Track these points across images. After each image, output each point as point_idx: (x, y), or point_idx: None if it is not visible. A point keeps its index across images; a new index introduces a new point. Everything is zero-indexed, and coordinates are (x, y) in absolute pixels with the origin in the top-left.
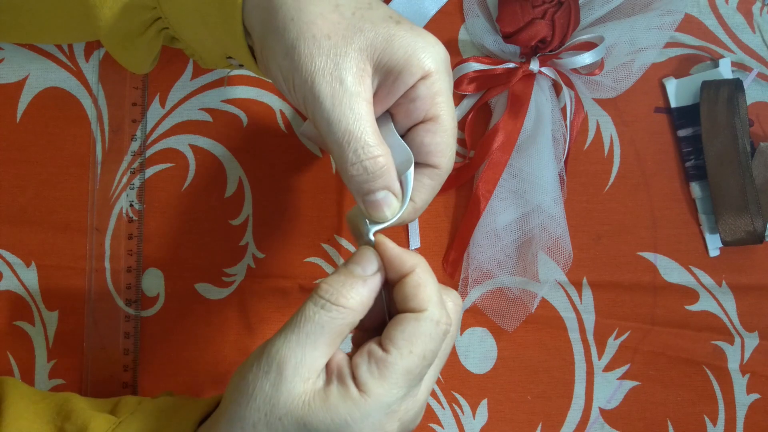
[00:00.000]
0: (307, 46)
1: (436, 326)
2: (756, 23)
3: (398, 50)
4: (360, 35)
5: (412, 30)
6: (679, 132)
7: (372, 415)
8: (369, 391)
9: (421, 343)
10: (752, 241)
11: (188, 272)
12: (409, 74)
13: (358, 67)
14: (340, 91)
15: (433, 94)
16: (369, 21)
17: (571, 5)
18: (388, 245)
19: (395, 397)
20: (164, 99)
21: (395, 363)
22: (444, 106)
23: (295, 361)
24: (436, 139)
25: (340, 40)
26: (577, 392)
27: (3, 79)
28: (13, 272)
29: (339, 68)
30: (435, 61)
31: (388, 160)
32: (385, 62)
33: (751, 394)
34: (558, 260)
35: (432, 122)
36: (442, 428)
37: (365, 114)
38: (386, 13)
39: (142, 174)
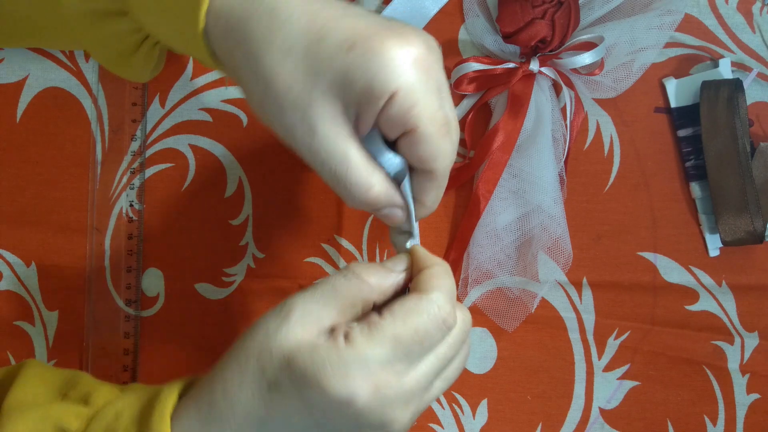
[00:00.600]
0: (274, 102)
1: (437, 309)
2: (756, 23)
3: (357, 82)
4: (318, 79)
5: (366, 51)
6: (679, 132)
7: (349, 365)
8: (353, 342)
9: (416, 317)
10: (752, 241)
11: (188, 272)
12: (375, 102)
13: (327, 110)
14: (315, 141)
15: (405, 110)
16: (321, 59)
17: (571, 5)
18: (418, 248)
19: (376, 357)
20: (164, 99)
21: (386, 326)
22: (421, 116)
23: (302, 311)
24: (420, 149)
25: (301, 90)
26: (577, 392)
27: (3, 79)
28: (14, 272)
29: (308, 118)
30: (397, 77)
31: (382, 185)
32: (350, 97)
33: (751, 394)
34: (558, 260)
35: (412, 134)
36: (441, 428)
37: (347, 152)
38: (338, 38)
39: (142, 174)
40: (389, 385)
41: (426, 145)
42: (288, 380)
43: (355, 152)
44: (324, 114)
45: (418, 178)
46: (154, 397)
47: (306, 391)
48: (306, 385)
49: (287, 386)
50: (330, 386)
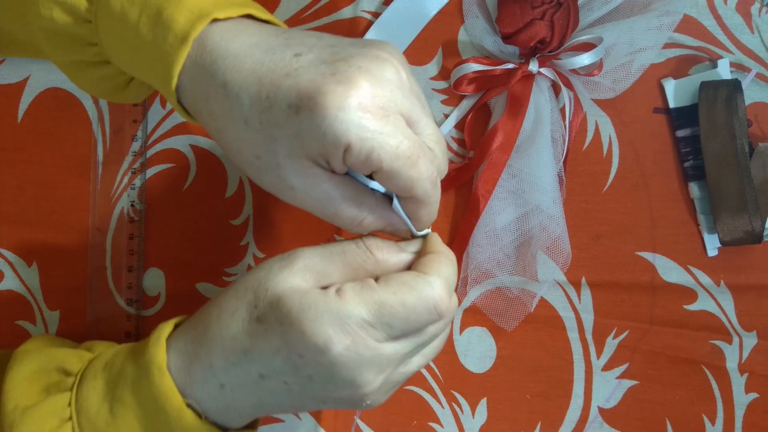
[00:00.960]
0: (249, 170)
1: (430, 290)
2: (755, 24)
3: (311, 144)
4: (278, 144)
5: (310, 113)
6: (678, 132)
7: (330, 314)
8: (342, 294)
9: (407, 292)
10: (750, 241)
11: (189, 272)
12: (334, 158)
13: (297, 168)
14: (297, 195)
15: (363, 159)
16: (275, 125)
17: (570, 6)
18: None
19: (358, 314)
20: (165, 100)
21: (376, 290)
22: (382, 158)
23: (307, 262)
24: (392, 184)
25: (267, 156)
26: (576, 391)
27: (4, 79)
28: (15, 272)
29: (283, 179)
30: (345, 132)
31: (372, 213)
32: (311, 155)
33: (749, 394)
34: (557, 260)
35: (379, 172)
36: (441, 427)
37: (330, 197)
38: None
39: (143, 174)
40: (365, 344)
41: (396, 179)
42: (274, 317)
43: (339, 193)
44: (295, 171)
45: (405, 202)
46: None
47: (287, 330)
48: (288, 324)
49: (272, 322)
50: (308, 329)
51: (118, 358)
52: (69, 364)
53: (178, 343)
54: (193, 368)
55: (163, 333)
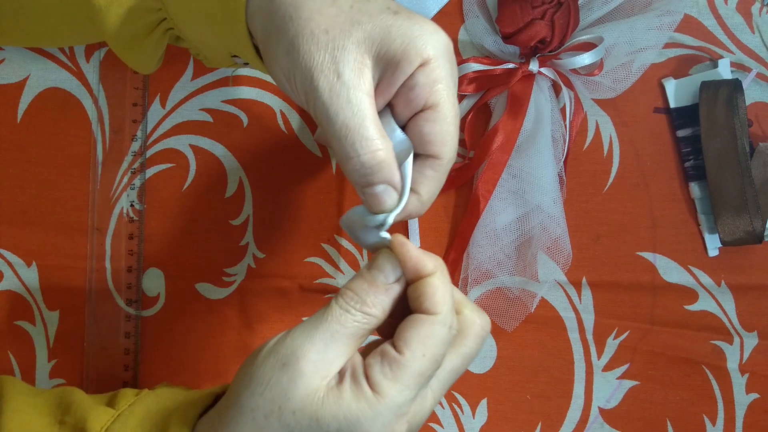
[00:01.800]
0: (306, 42)
1: (448, 331)
2: (755, 24)
3: (396, 40)
4: (358, 28)
5: (410, 19)
6: (679, 132)
7: (383, 415)
8: (382, 391)
9: (433, 346)
10: (751, 241)
11: (189, 272)
12: (408, 63)
13: (356, 60)
14: (338, 84)
15: (432, 81)
16: (366, 13)
17: (571, 6)
18: (408, 247)
19: (406, 399)
20: (165, 99)
21: (408, 365)
22: (444, 94)
23: (315, 358)
24: (435, 128)
25: (338, 33)
26: (577, 392)
27: (4, 79)
28: (14, 272)
29: (337, 62)
30: (434, 48)
31: (388, 154)
32: (384, 53)
33: (750, 394)
34: (557, 260)
35: (431, 110)
36: (441, 427)
37: (364, 107)
38: (384, 4)
39: (143, 174)
40: (416, 413)
41: (441, 125)
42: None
43: (372, 109)
44: (353, 61)
45: (420, 165)
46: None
47: None
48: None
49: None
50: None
51: None
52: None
53: None
54: None
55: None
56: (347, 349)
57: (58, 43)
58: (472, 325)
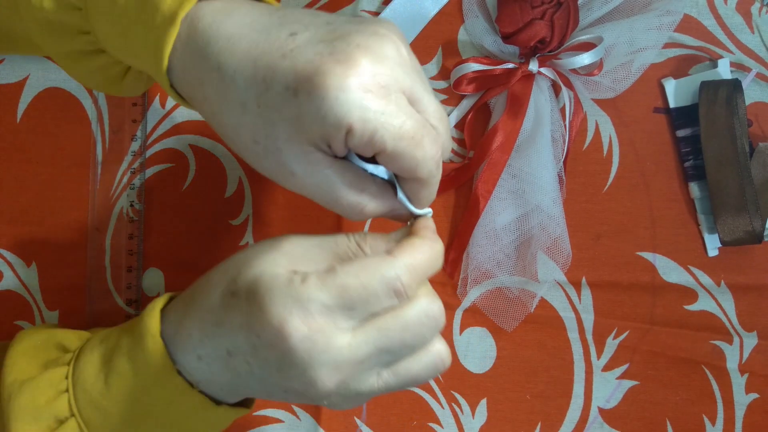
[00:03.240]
0: (248, 155)
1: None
2: (755, 23)
3: (311, 126)
4: (277, 129)
5: (310, 94)
6: (678, 132)
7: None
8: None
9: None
10: (751, 241)
11: (188, 272)
12: (336, 140)
13: (298, 152)
14: (298, 180)
15: (366, 140)
16: (273, 108)
17: (570, 6)
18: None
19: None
20: (164, 99)
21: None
22: (385, 138)
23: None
24: (397, 165)
25: (265, 141)
26: (576, 392)
27: (3, 79)
28: (14, 272)
29: (283, 164)
30: (346, 113)
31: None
32: (314, 139)
33: (749, 394)
34: (557, 260)
35: (383, 154)
36: (441, 427)
37: (331, 183)
38: (283, 85)
39: (143, 174)
40: (323, 331)
41: (401, 160)
42: (244, 293)
43: (339, 179)
44: (295, 156)
45: (407, 184)
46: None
47: (251, 308)
48: (253, 302)
49: (242, 298)
50: (267, 309)
51: (114, 332)
52: (68, 341)
53: (169, 314)
54: (177, 337)
55: (158, 304)
56: (322, 262)
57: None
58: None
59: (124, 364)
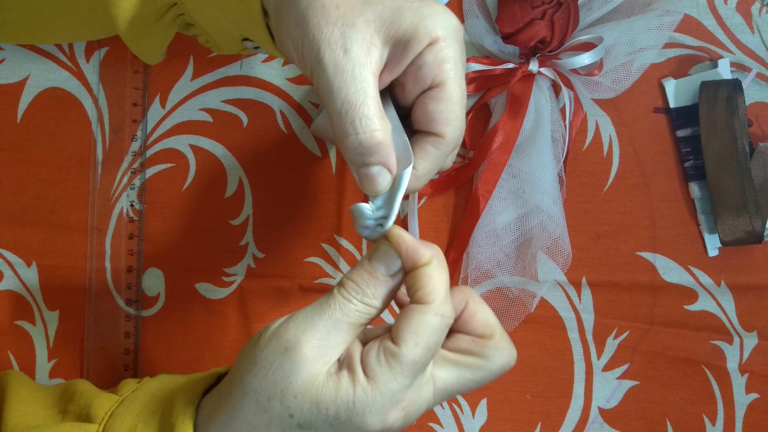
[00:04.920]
0: (316, 15)
1: (441, 320)
2: (755, 24)
3: (406, 20)
4: (368, 8)
5: (421, 0)
6: (678, 132)
7: (378, 401)
8: (376, 377)
9: (425, 335)
10: (751, 241)
11: (188, 272)
12: (417, 41)
13: (365, 38)
14: (344, 59)
15: (440, 60)
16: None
17: (571, 6)
18: (404, 238)
19: (401, 386)
20: (165, 99)
21: (401, 354)
22: (451, 74)
23: (318, 344)
24: (440, 107)
25: (349, 11)
26: (576, 392)
27: (3, 79)
28: (14, 272)
29: (345, 37)
30: (443, 28)
31: (386, 136)
32: (394, 33)
33: (750, 394)
34: (557, 260)
35: (438, 89)
36: (441, 427)
37: (368, 85)
38: None
39: (143, 174)
40: (412, 402)
41: (447, 104)
42: (321, 422)
43: (375, 88)
44: (362, 39)
45: (422, 141)
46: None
47: (341, 430)
48: (341, 426)
49: (321, 426)
50: (366, 425)
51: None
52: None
53: None
54: None
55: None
56: (348, 337)
57: (60, 39)
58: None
59: None
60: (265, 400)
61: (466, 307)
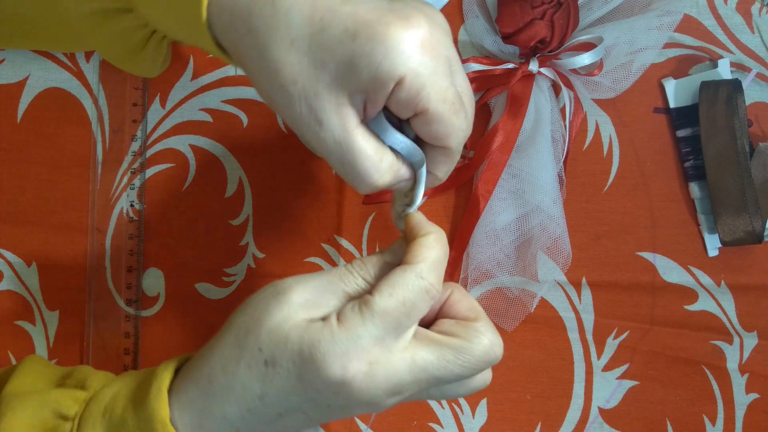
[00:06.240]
0: (280, 93)
1: (417, 279)
2: (755, 24)
3: (362, 71)
4: (323, 70)
5: (369, 39)
6: (678, 132)
7: (342, 342)
8: (345, 321)
9: (401, 290)
10: (751, 241)
11: (188, 272)
12: (382, 89)
13: (333, 101)
14: (322, 131)
15: (413, 94)
16: (326, 49)
17: (571, 6)
18: (415, 216)
19: (368, 334)
20: (164, 99)
21: (374, 303)
22: (431, 97)
23: (307, 296)
24: (432, 129)
25: (307, 82)
26: (576, 392)
27: (4, 79)
28: (14, 272)
29: (314, 110)
30: (403, 62)
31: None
32: (356, 87)
33: (750, 394)
34: (557, 260)
35: (423, 115)
36: (441, 427)
37: (353, 144)
38: (341, 27)
39: (143, 174)
40: (379, 360)
41: (438, 124)
42: (284, 358)
43: (363, 141)
44: (330, 105)
45: (432, 152)
46: (151, 374)
47: (302, 370)
48: (301, 363)
49: (284, 364)
50: (322, 365)
51: (117, 405)
52: (65, 407)
53: (181, 397)
54: (205, 423)
55: (164, 384)
56: (338, 303)
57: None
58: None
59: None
60: (242, 335)
61: (451, 294)
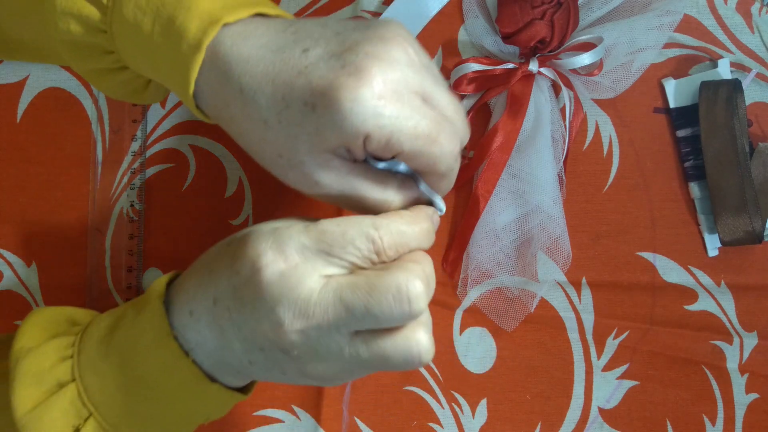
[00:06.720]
0: (273, 168)
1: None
2: (755, 23)
3: (331, 138)
4: (299, 142)
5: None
6: (678, 132)
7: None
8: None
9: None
10: (751, 241)
11: None
12: (355, 147)
13: (319, 164)
14: (324, 189)
15: (383, 145)
16: (294, 124)
17: (570, 6)
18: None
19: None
20: (165, 99)
21: (320, 222)
22: (401, 141)
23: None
24: (416, 162)
25: (289, 154)
26: (576, 392)
27: (3, 79)
28: (14, 272)
29: (307, 175)
30: (362, 122)
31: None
32: (333, 148)
33: (750, 394)
34: (557, 260)
35: (401, 155)
36: (441, 427)
37: (355, 187)
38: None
39: (143, 174)
40: (296, 268)
41: (419, 158)
42: (236, 241)
43: (362, 180)
44: (318, 167)
45: (427, 177)
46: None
47: (235, 248)
48: (237, 243)
49: (233, 244)
50: (248, 244)
51: (123, 305)
52: (79, 316)
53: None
54: (176, 297)
55: (168, 275)
56: None
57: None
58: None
59: (127, 329)
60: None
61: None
